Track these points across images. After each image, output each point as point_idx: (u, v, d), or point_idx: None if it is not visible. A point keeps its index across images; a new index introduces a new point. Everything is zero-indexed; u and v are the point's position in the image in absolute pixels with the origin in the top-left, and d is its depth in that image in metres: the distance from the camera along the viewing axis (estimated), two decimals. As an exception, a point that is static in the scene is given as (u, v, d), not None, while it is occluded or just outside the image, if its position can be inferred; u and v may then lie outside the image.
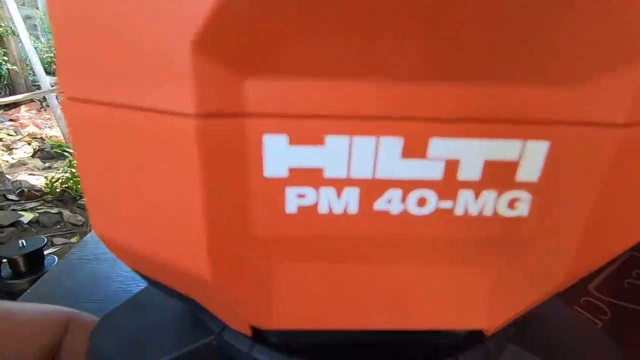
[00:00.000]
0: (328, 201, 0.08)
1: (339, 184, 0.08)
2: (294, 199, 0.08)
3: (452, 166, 0.08)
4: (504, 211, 0.08)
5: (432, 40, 0.07)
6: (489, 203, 0.08)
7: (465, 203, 0.08)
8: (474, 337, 0.11)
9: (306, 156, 0.08)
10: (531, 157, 0.08)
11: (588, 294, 0.30)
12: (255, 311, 0.10)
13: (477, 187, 0.08)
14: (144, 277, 0.11)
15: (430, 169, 0.08)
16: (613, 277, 0.32)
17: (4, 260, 0.59)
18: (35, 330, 0.14)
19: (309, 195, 0.08)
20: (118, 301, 0.14)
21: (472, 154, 0.08)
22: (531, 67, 0.07)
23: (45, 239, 0.62)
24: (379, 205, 0.08)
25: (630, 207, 0.09)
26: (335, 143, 0.08)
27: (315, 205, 0.08)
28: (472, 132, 0.08)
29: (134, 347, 0.13)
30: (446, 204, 0.08)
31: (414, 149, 0.08)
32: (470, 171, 0.08)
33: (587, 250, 0.09)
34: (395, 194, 0.08)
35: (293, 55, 0.07)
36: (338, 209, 0.08)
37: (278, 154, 0.08)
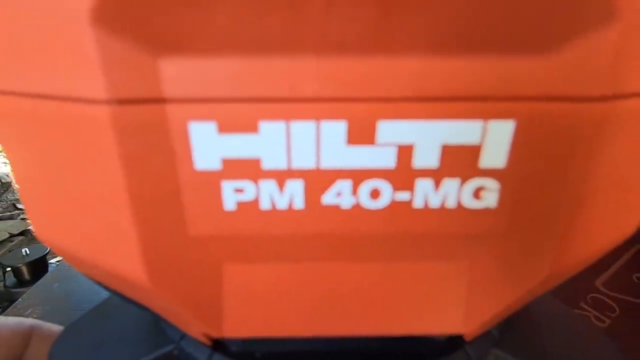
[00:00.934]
0: (270, 196, 0.07)
1: (280, 176, 0.07)
2: (231, 194, 0.07)
3: (405, 152, 0.07)
4: (469, 202, 0.07)
5: (374, 6, 0.06)
6: (451, 193, 0.07)
7: (425, 194, 0.07)
8: (453, 343, 0.10)
9: (239, 145, 0.07)
10: (495, 139, 0.07)
11: (595, 290, 0.29)
12: (205, 318, 0.09)
13: (436, 176, 0.07)
14: (95, 281, 0.11)
15: (380, 155, 0.07)
16: (621, 272, 0.30)
17: (8, 269, 0.59)
18: None
19: (248, 189, 0.07)
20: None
21: (426, 137, 0.07)
22: (490, 34, 0.06)
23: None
24: (328, 198, 0.07)
25: (616, 193, 0.08)
26: (271, 129, 0.07)
27: (256, 200, 0.07)
28: (424, 112, 0.07)
29: (93, 357, 0.12)
30: (403, 196, 0.07)
31: (360, 134, 0.07)
32: (426, 157, 0.07)
33: (571, 245, 0.08)
34: (344, 185, 0.07)
35: (213, 29, 0.06)
36: (282, 204, 0.07)
37: (207, 144, 0.07)
